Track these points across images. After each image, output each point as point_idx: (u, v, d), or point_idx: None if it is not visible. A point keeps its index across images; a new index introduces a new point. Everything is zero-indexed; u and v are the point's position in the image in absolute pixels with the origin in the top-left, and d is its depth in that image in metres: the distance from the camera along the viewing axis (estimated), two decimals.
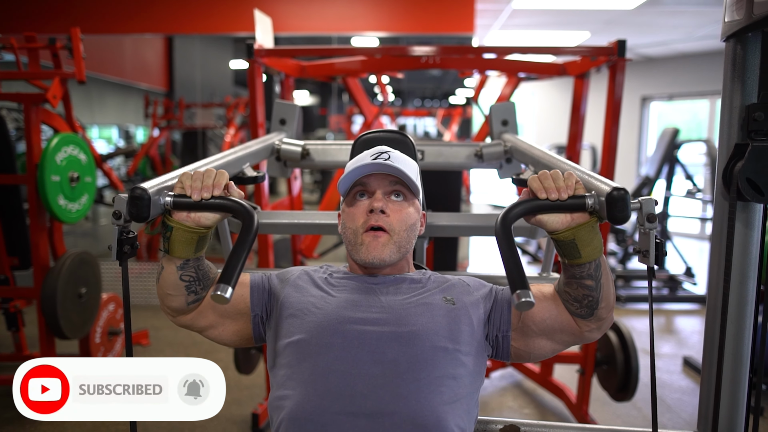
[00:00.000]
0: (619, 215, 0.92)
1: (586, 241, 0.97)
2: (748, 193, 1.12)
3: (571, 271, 1.00)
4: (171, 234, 1.00)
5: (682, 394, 3.15)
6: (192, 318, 1.11)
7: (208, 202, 0.99)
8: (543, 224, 0.98)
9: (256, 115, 2.48)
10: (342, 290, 1.11)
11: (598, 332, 1.07)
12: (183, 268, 1.04)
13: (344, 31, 5.79)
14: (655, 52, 7.91)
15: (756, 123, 1.13)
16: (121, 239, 0.98)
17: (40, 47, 2.93)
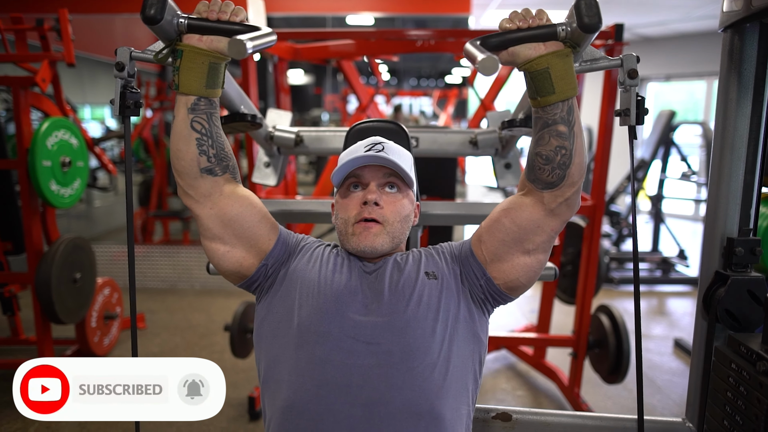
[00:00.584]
0: (588, 21, 0.88)
1: (560, 74, 0.93)
2: (727, 322, 1.20)
3: (543, 117, 0.97)
4: (181, 61, 0.95)
5: (672, 376, 3.20)
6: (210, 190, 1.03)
7: (225, 27, 0.94)
8: (516, 55, 0.95)
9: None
10: (343, 275, 1.09)
11: (566, 206, 1.01)
12: (194, 110, 0.99)
13: (339, 12, 5.70)
14: (653, 32, 7.84)
15: (736, 257, 1.20)
16: (123, 92, 0.95)
17: (27, 29, 2.87)
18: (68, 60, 2.85)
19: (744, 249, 1.19)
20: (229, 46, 0.88)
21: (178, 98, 0.99)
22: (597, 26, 0.88)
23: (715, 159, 1.24)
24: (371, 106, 3.75)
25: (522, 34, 0.93)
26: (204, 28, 0.94)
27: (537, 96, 0.96)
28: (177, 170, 1.03)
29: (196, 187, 1.03)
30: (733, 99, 1.18)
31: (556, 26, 0.93)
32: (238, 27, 0.95)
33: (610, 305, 2.71)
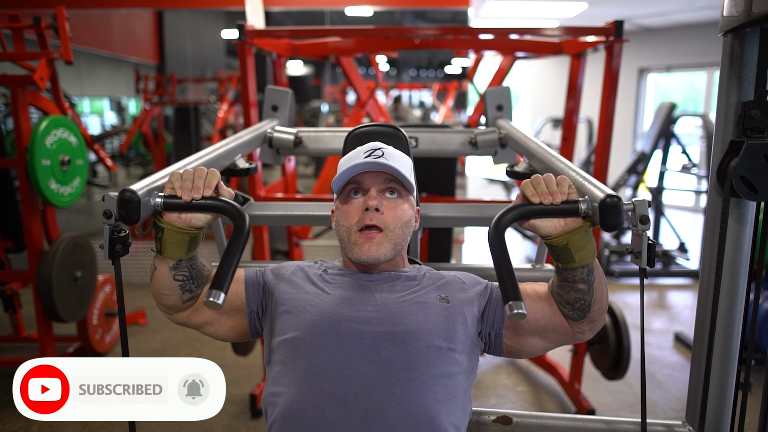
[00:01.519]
0: (611, 222, 0.92)
1: (579, 246, 0.97)
2: (742, 191, 1.11)
3: (564, 275, 1.01)
4: (162, 235, 1.00)
5: (672, 370, 3.21)
6: (188, 315, 1.12)
7: (199, 203, 0.99)
8: (536, 229, 0.99)
9: (248, 96, 2.45)
10: (337, 287, 1.11)
11: (590, 333, 1.08)
12: (176, 268, 1.04)
13: (337, 5, 5.67)
14: (653, 22, 7.80)
15: (752, 120, 1.12)
16: (112, 238, 0.98)
17: (24, 27, 2.86)
18: (66, 58, 2.83)
19: (760, 111, 1.12)
20: (205, 304, 0.92)
21: (159, 257, 1.04)
22: (618, 228, 0.93)
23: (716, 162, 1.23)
24: (370, 101, 3.73)
25: (544, 208, 0.96)
26: (179, 207, 0.99)
27: (557, 263, 1.01)
28: (161, 305, 1.10)
29: (178, 313, 1.12)
30: (733, 103, 1.17)
31: (578, 204, 0.96)
32: (212, 203, 0.99)
33: (611, 302, 2.71)
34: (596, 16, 7.08)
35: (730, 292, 1.22)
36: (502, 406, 2.82)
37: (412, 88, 12.17)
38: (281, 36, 2.62)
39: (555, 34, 2.58)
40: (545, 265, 1.62)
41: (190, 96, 6.69)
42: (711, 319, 1.24)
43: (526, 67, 10.25)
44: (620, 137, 8.69)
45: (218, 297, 0.91)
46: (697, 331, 1.30)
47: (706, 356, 1.25)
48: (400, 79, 19.43)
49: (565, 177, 1.00)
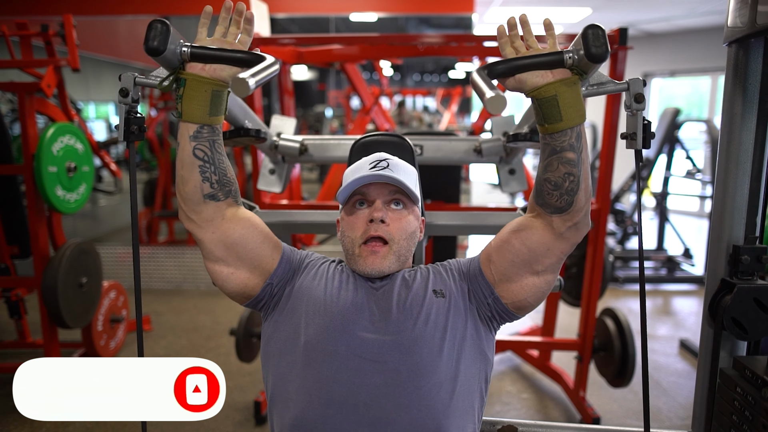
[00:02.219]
0: (595, 51, 0.89)
1: (568, 101, 0.94)
2: (733, 331, 1.19)
3: (551, 144, 0.97)
4: (184, 90, 0.97)
5: (678, 378, 3.19)
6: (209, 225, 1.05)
7: (225, 54, 0.96)
8: (523, 82, 0.96)
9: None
10: (349, 293, 1.10)
11: (575, 230, 1.02)
12: (196, 138, 1.00)
13: (342, 12, 5.69)
14: (657, 27, 7.79)
15: (742, 264, 1.19)
16: (128, 118, 0.96)
17: (32, 34, 2.88)
18: (73, 65, 2.86)
19: (750, 257, 1.19)
20: (232, 85, 0.89)
21: (181, 126, 1.00)
22: (604, 56, 0.89)
23: (721, 170, 1.24)
24: (375, 107, 3.75)
25: (529, 61, 0.93)
26: (207, 56, 0.95)
27: (545, 123, 0.96)
28: (181, 195, 1.04)
29: (198, 212, 1.04)
30: (738, 113, 1.18)
31: (563, 53, 0.93)
32: (241, 55, 0.95)
33: (615, 308, 2.71)
34: (600, 21, 7.00)
35: None
36: (507, 414, 2.81)
37: (416, 93, 12.19)
38: (286, 44, 2.64)
39: (559, 41, 2.58)
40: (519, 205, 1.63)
41: None
42: (716, 335, 1.24)
43: None
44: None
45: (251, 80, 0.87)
46: (702, 339, 1.30)
47: (711, 365, 1.25)
48: (404, 84, 19.48)
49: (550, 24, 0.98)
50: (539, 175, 1.01)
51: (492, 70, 0.94)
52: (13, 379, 1.05)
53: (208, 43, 0.98)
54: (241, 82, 0.87)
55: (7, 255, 2.98)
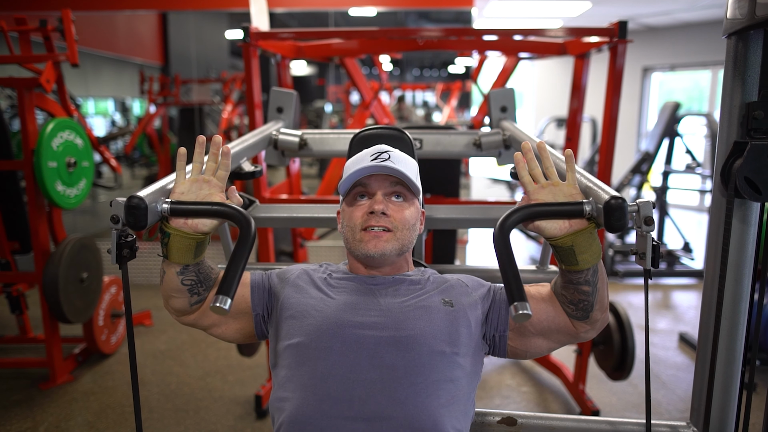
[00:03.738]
0: (616, 224, 0.92)
1: (584, 248, 0.98)
2: (746, 191, 1.11)
3: (568, 276, 1.02)
4: (169, 240, 1.01)
5: (677, 371, 3.21)
6: (195, 318, 1.13)
7: (205, 209, 1.00)
8: (541, 230, 0.99)
9: (253, 97, 2.46)
10: (341, 292, 1.12)
11: (593, 332, 1.09)
12: (183, 273, 1.05)
13: (341, 6, 5.67)
14: (657, 21, 7.78)
15: (756, 121, 1.12)
16: (120, 243, 0.98)
17: (31, 30, 2.88)
18: (72, 61, 2.85)
19: (764, 112, 1.12)
20: (211, 309, 0.92)
21: (167, 262, 1.04)
22: (623, 228, 0.93)
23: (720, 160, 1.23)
24: (374, 102, 3.74)
25: (549, 209, 0.97)
26: (186, 212, 1.00)
27: (562, 265, 1.02)
28: (169, 307, 1.11)
29: (186, 315, 1.13)
30: (736, 105, 1.17)
31: (582, 205, 0.96)
32: (218, 209, 0.99)
33: (615, 302, 2.72)
34: (600, 15, 7.07)
35: (735, 293, 1.22)
36: (507, 407, 2.83)
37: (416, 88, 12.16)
38: (286, 38, 2.63)
39: (559, 35, 2.58)
40: (549, 267, 1.62)
41: (194, 97, 6.71)
42: (715, 320, 1.24)
43: (530, 67, 10.24)
44: (624, 137, 8.67)
45: (225, 302, 0.92)
46: (701, 331, 1.30)
47: (710, 357, 1.25)
48: (404, 79, 19.43)
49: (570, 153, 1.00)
50: (557, 287, 1.07)
51: (513, 219, 0.97)
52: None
53: (186, 184, 1.02)
54: (219, 309, 0.91)
55: (7, 250, 2.98)
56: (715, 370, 1.24)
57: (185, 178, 1.02)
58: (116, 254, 0.99)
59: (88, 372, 3.13)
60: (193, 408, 2.76)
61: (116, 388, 2.96)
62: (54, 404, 2.75)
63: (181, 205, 1.00)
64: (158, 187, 1.05)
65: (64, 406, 2.75)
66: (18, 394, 2.82)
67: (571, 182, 1.00)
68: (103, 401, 2.81)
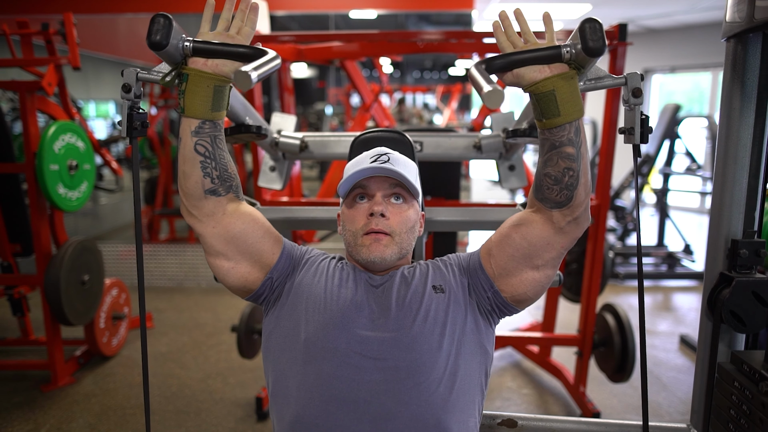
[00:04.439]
0: (593, 45, 0.89)
1: (566, 96, 0.95)
2: (732, 324, 1.20)
3: (550, 139, 0.98)
4: (186, 85, 0.97)
5: (677, 373, 3.20)
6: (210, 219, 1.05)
7: (228, 49, 0.96)
8: (521, 77, 0.96)
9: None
10: (348, 290, 1.11)
11: (576, 225, 1.03)
12: (198, 133, 1.00)
13: (342, 9, 5.69)
14: (658, 23, 7.79)
15: (740, 258, 1.21)
16: (131, 114, 0.96)
17: (33, 33, 2.89)
18: (74, 64, 2.86)
19: (748, 251, 1.21)
20: (235, 78, 0.89)
21: (183, 121, 1.00)
22: (601, 50, 0.89)
23: (719, 166, 1.25)
24: (375, 105, 3.75)
25: (527, 56, 0.94)
26: (209, 51, 0.95)
27: (543, 118, 0.97)
28: (183, 190, 1.05)
29: (200, 207, 1.05)
30: (736, 108, 1.18)
31: (560, 48, 0.93)
32: (243, 50, 0.96)
33: (615, 304, 2.72)
34: (600, 17, 7.04)
35: None
36: (507, 409, 2.83)
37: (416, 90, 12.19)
38: (286, 41, 2.64)
39: (559, 38, 2.58)
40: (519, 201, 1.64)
41: None
42: (714, 328, 1.25)
43: None
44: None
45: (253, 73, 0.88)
46: (701, 333, 1.31)
47: (710, 359, 1.26)
48: (404, 82, 19.46)
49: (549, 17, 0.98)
50: (539, 171, 1.02)
51: (490, 65, 0.95)
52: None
53: (210, 37, 0.98)
54: (244, 75, 0.87)
55: (9, 253, 2.99)
56: (715, 371, 1.25)
57: (209, 31, 0.99)
58: (127, 126, 0.97)
59: (89, 374, 3.14)
60: (193, 410, 2.76)
61: (117, 390, 2.96)
62: (55, 406, 2.75)
63: (204, 43, 0.96)
64: None
65: (65, 408, 2.75)
66: (19, 396, 2.83)
67: (549, 41, 0.97)
68: (104, 403, 2.82)
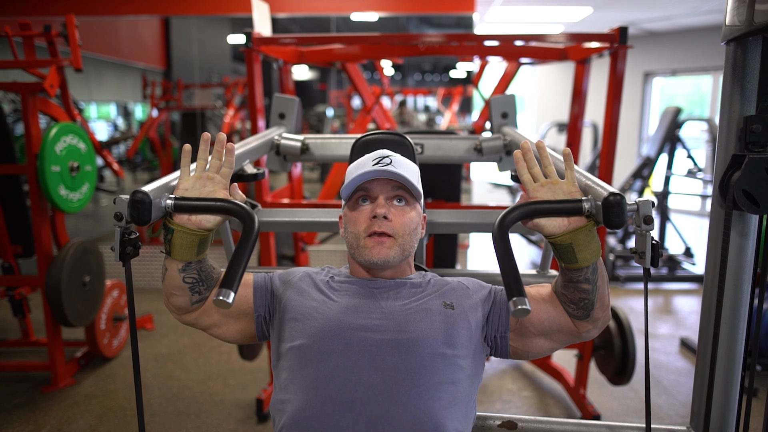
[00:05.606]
0: (615, 220, 0.92)
1: (583, 245, 0.98)
2: (744, 204, 1.13)
3: (568, 275, 1.02)
4: (172, 237, 1.01)
5: (678, 376, 3.20)
6: (196, 317, 1.13)
7: (209, 205, 1.00)
8: (540, 228, 1.00)
9: (255, 102, 2.47)
10: (343, 295, 1.13)
11: (595, 331, 1.09)
12: (185, 270, 1.05)
13: (343, 11, 5.70)
14: (659, 26, 7.79)
15: (753, 135, 1.14)
16: (123, 240, 0.98)
17: (35, 35, 2.90)
18: (76, 65, 2.87)
19: (762, 125, 1.13)
20: (215, 303, 0.92)
21: (169, 259, 1.04)
22: (621, 226, 0.93)
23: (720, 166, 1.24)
24: (376, 107, 3.76)
25: (548, 207, 0.97)
26: (190, 208, 1.00)
27: (561, 262, 1.02)
28: (171, 305, 1.11)
29: (187, 314, 1.12)
30: (735, 118, 1.18)
31: (581, 203, 0.96)
32: (222, 205, 0.99)
33: (616, 307, 2.72)
34: (601, 20, 7.09)
35: (734, 299, 1.23)
36: (508, 411, 2.83)
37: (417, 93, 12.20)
38: (288, 43, 2.64)
39: (559, 41, 2.59)
40: (550, 271, 1.63)
41: (196, 101, 6.74)
42: (715, 326, 1.25)
43: (531, 72, 10.26)
44: (625, 141, 8.68)
45: (228, 296, 0.92)
46: (701, 337, 1.31)
47: (710, 362, 1.26)
48: (405, 84, 19.48)
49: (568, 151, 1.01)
50: (557, 287, 1.07)
51: (511, 216, 0.97)
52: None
53: (190, 182, 1.02)
54: (222, 302, 0.91)
55: (10, 254, 3.00)
56: (715, 374, 1.25)
57: (189, 175, 1.02)
58: (119, 252, 0.98)
59: (90, 375, 3.14)
60: (194, 411, 2.76)
61: (118, 391, 2.96)
62: (56, 407, 2.76)
63: (185, 201, 1.00)
64: (162, 184, 1.05)
65: (66, 409, 2.75)
66: (20, 397, 2.83)
67: (570, 180, 1.00)
68: (104, 404, 2.82)
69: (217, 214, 1.01)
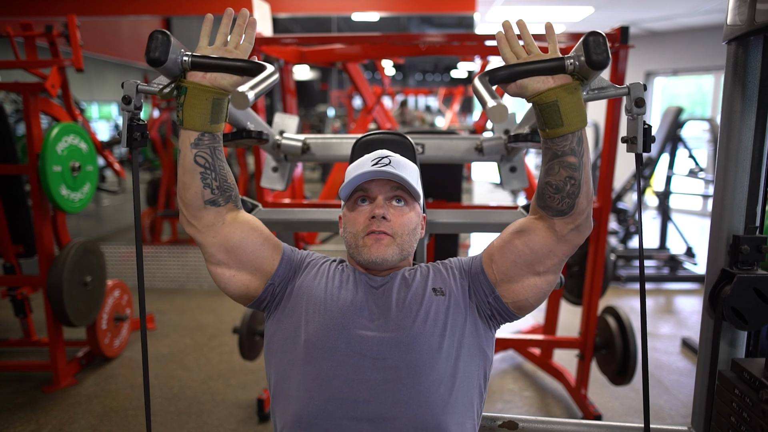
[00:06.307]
0: (596, 58, 0.90)
1: (569, 107, 0.95)
2: (733, 320, 1.19)
3: (553, 148, 0.98)
4: (185, 98, 0.97)
5: (679, 376, 3.20)
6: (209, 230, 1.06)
7: (227, 63, 0.97)
8: (524, 88, 0.97)
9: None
10: (349, 291, 1.12)
11: (577, 232, 1.04)
12: (197, 145, 1.01)
13: (344, 11, 5.70)
14: (660, 26, 7.79)
15: (742, 255, 1.20)
16: (131, 125, 0.97)
17: (36, 35, 2.90)
18: (77, 65, 2.88)
19: (750, 247, 1.19)
20: (232, 99, 0.90)
21: (182, 133, 1.01)
22: (605, 63, 0.89)
23: (720, 166, 1.25)
24: (377, 107, 3.76)
25: (530, 67, 0.94)
26: (207, 65, 0.96)
27: (546, 128, 0.98)
28: (182, 201, 1.05)
29: (199, 217, 1.06)
30: (737, 110, 1.18)
31: (564, 59, 0.94)
32: (241, 64, 0.96)
33: (617, 306, 2.72)
34: (603, 20, 7.09)
35: None
36: (509, 411, 2.82)
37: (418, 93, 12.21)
38: (289, 43, 2.65)
39: (560, 40, 2.59)
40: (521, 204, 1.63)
41: None
42: (716, 325, 1.25)
43: None
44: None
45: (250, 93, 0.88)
46: (702, 336, 1.31)
47: (711, 362, 1.26)
48: (406, 84, 19.48)
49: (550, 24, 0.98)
50: (541, 179, 1.03)
51: (493, 77, 0.95)
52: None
53: (209, 51, 0.99)
54: (241, 95, 0.88)
55: (12, 254, 3.00)
56: (716, 374, 1.25)
57: (208, 46, 1.00)
58: (127, 137, 0.97)
59: (91, 375, 3.14)
60: (195, 411, 2.76)
61: (119, 391, 2.97)
62: (57, 407, 2.76)
63: (201, 58, 0.96)
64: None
65: (67, 409, 2.75)
66: (22, 397, 2.83)
67: (552, 52, 0.97)
68: (106, 404, 2.82)
69: (234, 72, 0.97)
